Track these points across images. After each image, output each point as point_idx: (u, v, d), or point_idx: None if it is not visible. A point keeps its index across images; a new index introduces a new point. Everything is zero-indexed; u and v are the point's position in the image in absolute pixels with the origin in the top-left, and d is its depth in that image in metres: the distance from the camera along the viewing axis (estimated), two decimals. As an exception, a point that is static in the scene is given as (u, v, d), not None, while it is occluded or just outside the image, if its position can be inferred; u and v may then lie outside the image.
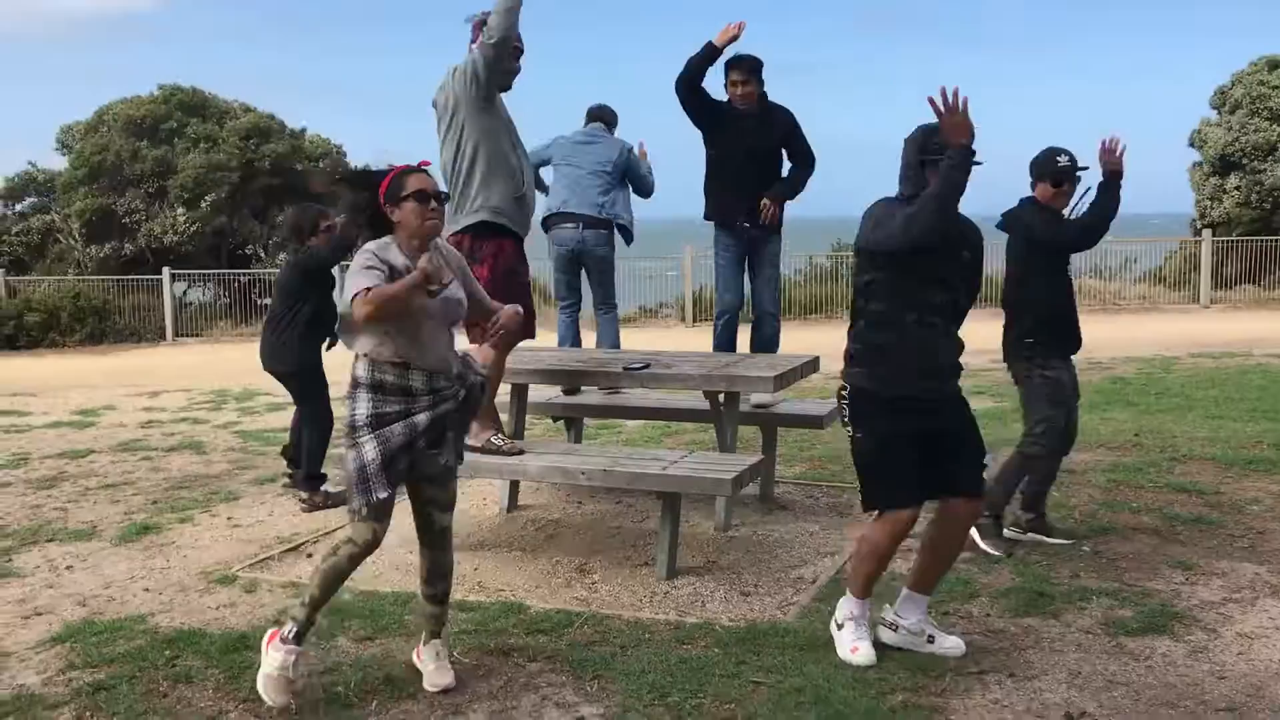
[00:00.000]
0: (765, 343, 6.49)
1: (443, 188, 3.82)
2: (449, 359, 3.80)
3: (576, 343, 7.01)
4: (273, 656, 3.73)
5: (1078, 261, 23.04)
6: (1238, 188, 22.58)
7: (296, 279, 6.37)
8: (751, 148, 6.34)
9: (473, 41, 5.16)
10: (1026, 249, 5.14)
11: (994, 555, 5.14)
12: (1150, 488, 6.37)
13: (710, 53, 6.16)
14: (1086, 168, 5.12)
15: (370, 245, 3.73)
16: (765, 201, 6.33)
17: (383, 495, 3.65)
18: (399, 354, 3.69)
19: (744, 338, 6.67)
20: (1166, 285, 21.54)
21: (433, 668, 3.90)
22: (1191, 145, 24.39)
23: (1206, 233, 20.96)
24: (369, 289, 3.54)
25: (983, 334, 6.14)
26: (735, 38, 6.12)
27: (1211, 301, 20.06)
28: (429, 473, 3.83)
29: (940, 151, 3.79)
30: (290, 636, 3.75)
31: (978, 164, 3.80)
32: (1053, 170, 5.09)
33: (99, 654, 4.26)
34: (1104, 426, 8.25)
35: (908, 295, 3.90)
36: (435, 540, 3.91)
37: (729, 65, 6.31)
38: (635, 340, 14.66)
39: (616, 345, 6.87)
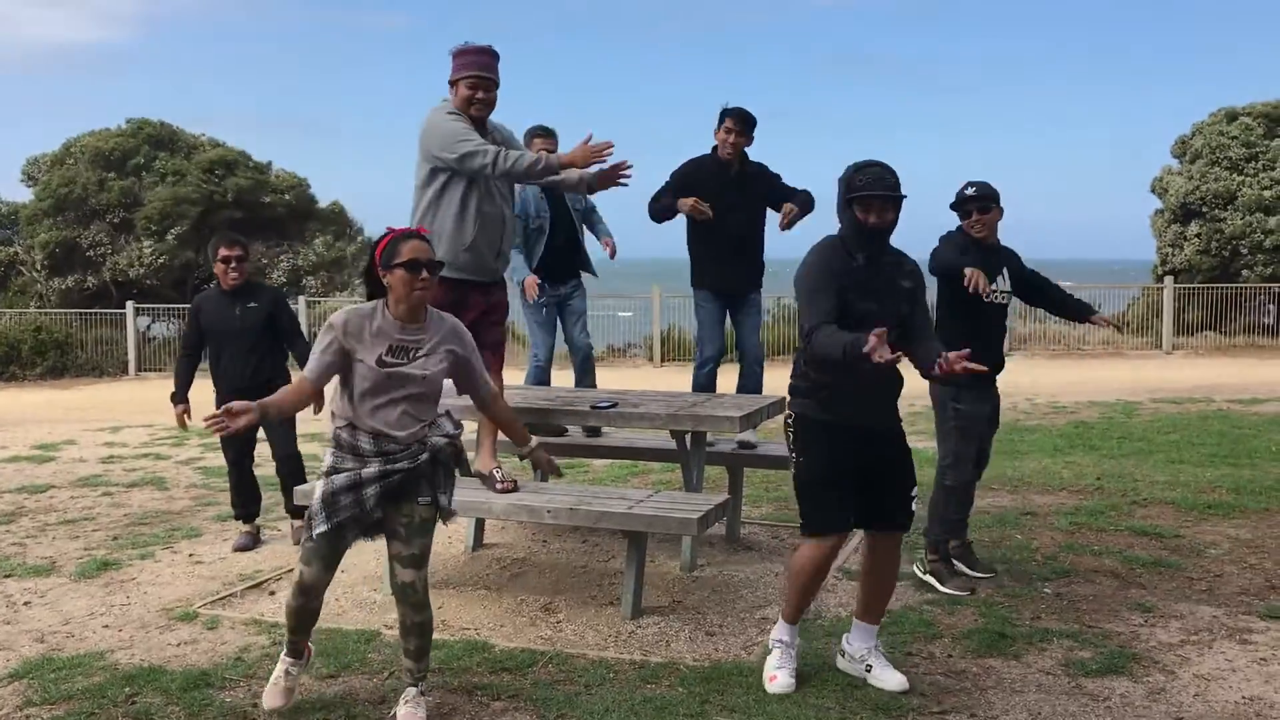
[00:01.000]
0: (749, 389, 6.47)
1: (438, 256, 3.87)
2: (397, 427, 3.78)
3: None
4: (276, 667, 4.04)
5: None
6: (1198, 235, 22.98)
7: None
8: (726, 205, 6.23)
9: (452, 78, 5.12)
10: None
11: (960, 595, 5.21)
12: (1111, 531, 6.44)
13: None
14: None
15: (343, 314, 3.80)
16: (789, 206, 6.23)
17: (319, 530, 3.76)
18: (348, 415, 3.80)
19: (728, 382, 6.66)
20: (1130, 331, 21.83)
21: (403, 711, 3.87)
22: (1153, 193, 24.82)
23: (1168, 279, 21.28)
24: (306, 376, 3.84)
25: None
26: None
27: (1174, 347, 20.34)
28: (392, 527, 3.85)
29: (860, 188, 3.97)
30: (284, 653, 4.02)
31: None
32: (958, 200, 5.31)
33: (57, 691, 4.21)
34: (1066, 470, 8.34)
35: None
36: (399, 594, 3.86)
37: (726, 114, 6.21)
38: (603, 380, 14.66)
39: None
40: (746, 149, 6.35)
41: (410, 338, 3.79)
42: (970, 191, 5.29)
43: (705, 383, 6.51)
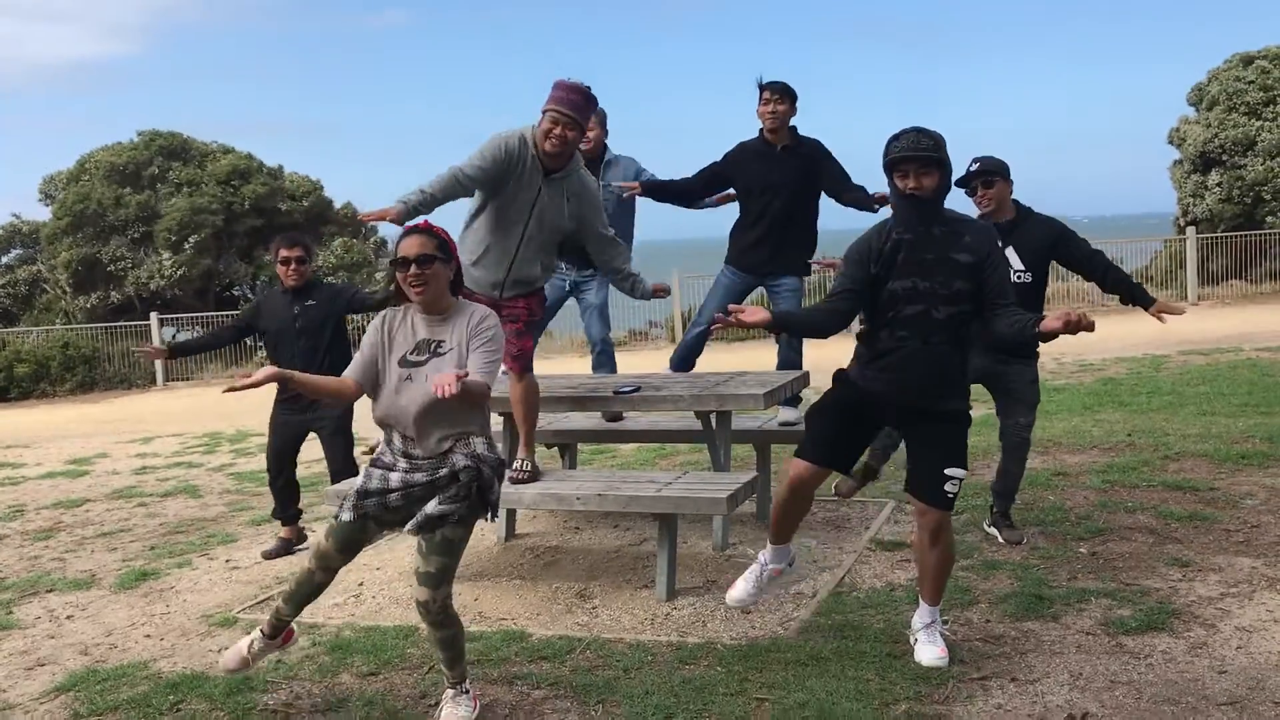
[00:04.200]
0: (785, 366, 6.37)
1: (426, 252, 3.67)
2: (419, 434, 3.67)
3: None
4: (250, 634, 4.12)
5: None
6: (1219, 184, 22.74)
7: None
8: (767, 185, 6.12)
9: (543, 106, 5.00)
10: None
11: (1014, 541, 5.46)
12: (1144, 487, 6.40)
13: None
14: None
15: (385, 311, 3.85)
16: (879, 194, 5.99)
17: (343, 518, 3.77)
18: (380, 415, 3.77)
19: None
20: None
21: (445, 711, 3.86)
22: (1170, 143, 24.57)
23: (1190, 230, 21.07)
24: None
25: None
26: None
27: (1199, 298, 20.15)
28: (417, 541, 3.76)
29: (894, 153, 3.89)
30: (263, 626, 4.07)
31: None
32: (964, 178, 5.24)
33: (103, 701, 4.26)
34: (1096, 428, 8.28)
35: (877, 312, 4.03)
36: (418, 609, 3.80)
37: (762, 87, 6.07)
38: (625, 363, 14.65)
39: None
40: (794, 123, 6.16)
41: (435, 334, 3.73)
42: (974, 167, 5.22)
43: (685, 345, 6.43)
